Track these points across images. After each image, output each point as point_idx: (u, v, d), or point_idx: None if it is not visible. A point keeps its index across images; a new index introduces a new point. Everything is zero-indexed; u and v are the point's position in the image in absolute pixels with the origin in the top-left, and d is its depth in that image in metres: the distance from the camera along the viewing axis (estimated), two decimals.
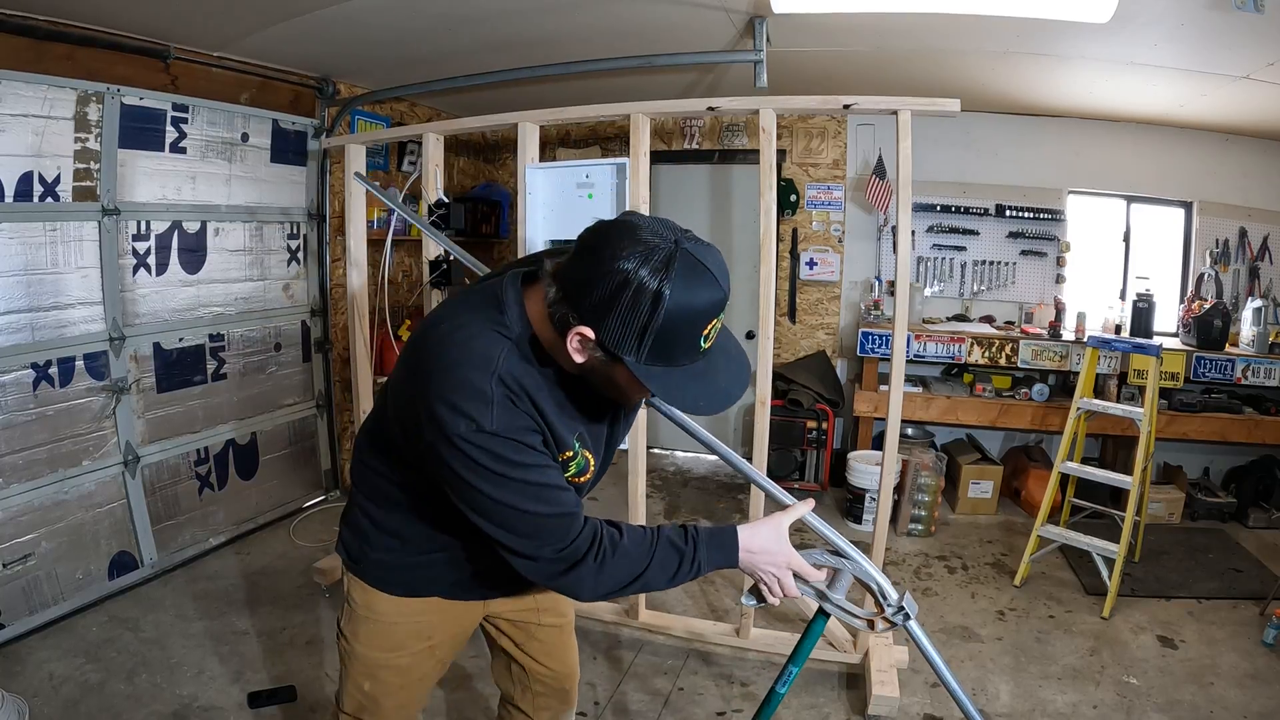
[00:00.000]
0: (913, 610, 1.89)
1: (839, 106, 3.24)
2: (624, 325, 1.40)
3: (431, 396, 1.52)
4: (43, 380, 3.89)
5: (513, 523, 1.59)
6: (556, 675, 2.35)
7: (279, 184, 5.17)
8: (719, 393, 1.56)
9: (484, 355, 1.53)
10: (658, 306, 1.38)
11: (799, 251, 6.57)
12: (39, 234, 3.84)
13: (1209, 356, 5.45)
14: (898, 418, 3.39)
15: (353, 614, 2.03)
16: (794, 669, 2.09)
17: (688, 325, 1.42)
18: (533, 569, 1.64)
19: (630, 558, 1.67)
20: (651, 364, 1.45)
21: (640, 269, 1.37)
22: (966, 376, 6.08)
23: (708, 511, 5.81)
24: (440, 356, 1.56)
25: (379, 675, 2.06)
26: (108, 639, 3.87)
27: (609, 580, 1.66)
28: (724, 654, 3.90)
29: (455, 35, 4.35)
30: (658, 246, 1.39)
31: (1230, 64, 4.16)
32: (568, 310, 1.46)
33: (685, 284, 1.38)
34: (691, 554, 1.71)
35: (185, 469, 4.70)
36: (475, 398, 1.50)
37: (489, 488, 1.55)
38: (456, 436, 1.50)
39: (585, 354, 1.49)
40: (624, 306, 1.39)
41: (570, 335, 1.46)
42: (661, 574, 1.70)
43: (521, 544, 1.62)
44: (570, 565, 1.62)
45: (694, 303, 1.40)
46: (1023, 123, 6.09)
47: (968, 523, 5.72)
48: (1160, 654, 3.98)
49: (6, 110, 3.63)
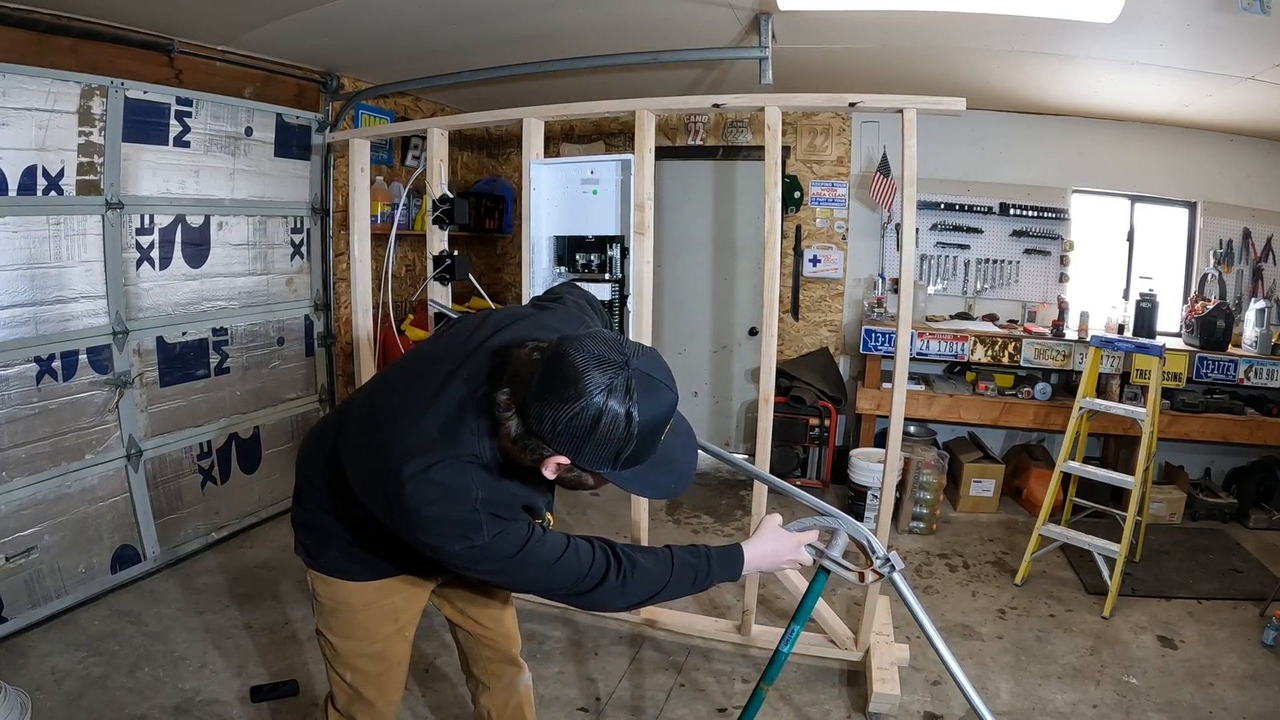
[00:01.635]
0: (898, 564, 2.08)
1: (844, 104, 3.23)
2: (600, 450, 1.51)
3: (421, 533, 1.65)
4: (46, 374, 3.89)
5: (531, 586, 1.79)
6: (499, 637, 2.49)
7: (283, 178, 5.16)
8: (681, 471, 1.74)
9: (464, 491, 1.63)
10: (630, 428, 1.49)
11: (802, 248, 6.57)
12: (42, 228, 3.84)
13: (1211, 357, 5.45)
14: (901, 415, 3.38)
15: (322, 609, 2.13)
16: (796, 627, 2.26)
17: (653, 433, 1.55)
18: (560, 599, 1.85)
19: (651, 575, 1.84)
20: (624, 469, 1.57)
21: (609, 400, 1.47)
22: (969, 375, 6.08)
23: (710, 507, 5.81)
24: (422, 496, 1.62)
25: (357, 665, 2.16)
26: (110, 632, 3.88)
27: (633, 594, 1.84)
28: (726, 650, 3.91)
29: (460, 30, 4.34)
30: (616, 374, 1.48)
31: (1235, 65, 4.15)
32: (539, 444, 1.54)
33: (648, 401, 1.50)
34: (705, 569, 1.91)
35: (188, 463, 4.71)
36: (465, 527, 1.63)
37: (500, 578, 1.81)
38: (454, 555, 1.67)
39: (559, 473, 1.62)
40: (600, 436, 1.49)
41: (546, 464, 1.58)
42: (678, 587, 1.88)
43: (545, 593, 1.83)
44: (592, 587, 1.79)
45: (657, 413, 1.54)
46: (1027, 121, 6.08)
47: (969, 521, 5.72)
48: (1160, 654, 3.98)
49: (10, 104, 3.63)
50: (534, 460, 1.58)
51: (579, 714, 3.42)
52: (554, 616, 4.13)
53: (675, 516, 5.63)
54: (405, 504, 1.62)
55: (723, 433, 7.10)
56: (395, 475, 1.63)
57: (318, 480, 2.01)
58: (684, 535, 5.33)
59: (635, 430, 1.49)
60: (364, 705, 2.20)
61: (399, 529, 1.68)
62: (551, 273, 3.77)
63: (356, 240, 4.30)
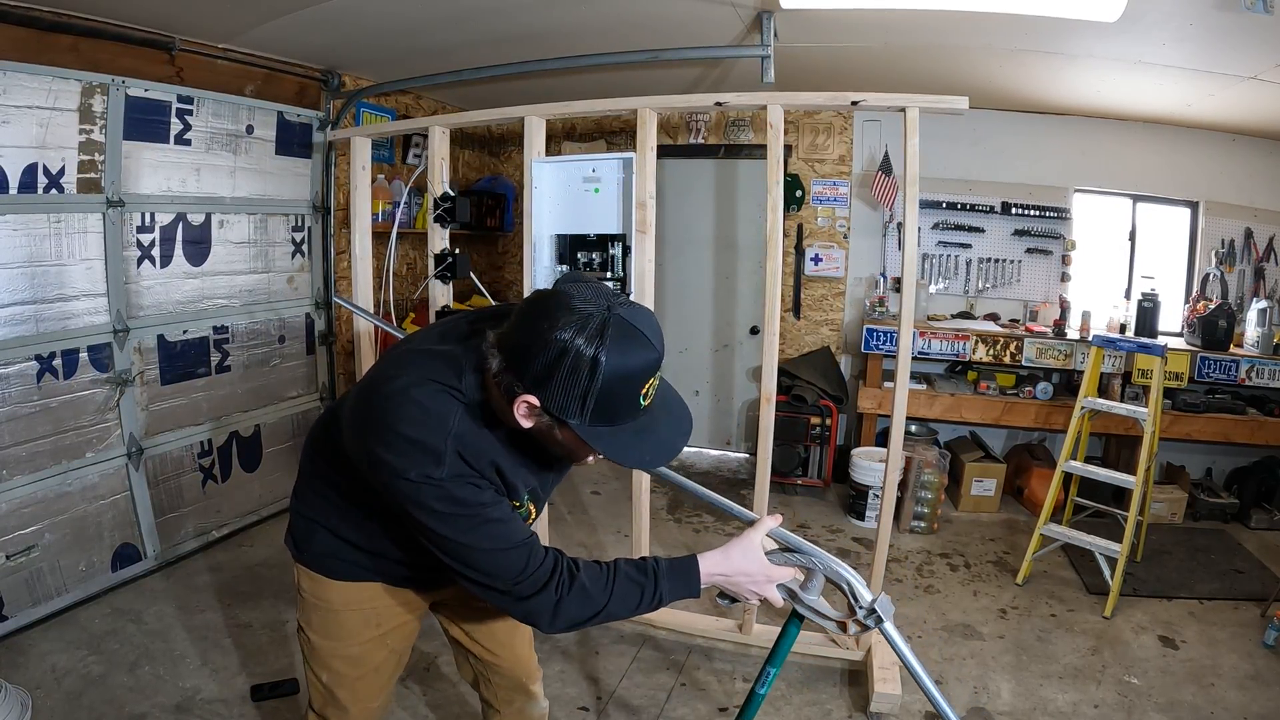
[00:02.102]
0: (887, 613, 1.82)
1: (847, 103, 3.23)
2: (566, 392, 1.47)
3: (384, 447, 1.59)
4: (47, 372, 3.88)
5: (469, 558, 1.66)
6: (508, 664, 2.39)
7: (284, 176, 5.16)
8: (662, 445, 1.63)
9: (439, 416, 1.60)
10: (595, 372, 1.44)
11: (804, 247, 6.56)
12: (43, 226, 3.83)
13: (1213, 357, 5.44)
14: (903, 414, 3.38)
15: (304, 603, 2.10)
16: (772, 670, 2.09)
17: (626, 386, 1.49)
18: (493, 598, 1.72)
19: (588, 594, 1.72)
20: (596, 425, 1.52)
21: (576, 338, 1.44)
22: (971, 374, 6.07)
23: (709, 507, 5.79)
24: (398, 411, 1.61)
25: (333, 665, 2.11)
26: (110, 631, 3.88)
27: (567, 614, 1.72)
28: (727, 650, 3.91)
29: (461, 28, 4.34)
30: (591, 315, 1.45)
31: (1238, 64, 4.15)
32: (512, 379, 1.51)
33: (620, 348, 1.45)
34: (652, 588, 1.78)
35: (189, 461, 4.70)
36: (428, 454, 1.57)
37: (443, 528, 1.62)
38: (408, 482, 1.58)
39: (533, 419, 1.55)
40: (564, 374, 1.45)
41: (517, 403, 1.53)
42: (622, 608, 1.76)
43: (479, 576, 1.69)
44: (530, 594, 1.69)
45: (629, 365, 1.48)
46: (1029, 120, 6.07)
47: (970, 520, 5.72)
48: (1161, 654, 3.98)
49: (11, 102, 3.62)
50: (508, 397, 1.54)
51: (580, 713, 3.42)
52: None
53: (676, 516, 5.63)
54: (379, 418, 1.62)
55: (724, 432, 7.10)
56: (379, 392, 1.65)
57: (315, 465, 2.01)
58: (685, 534, 5.33)
59: (601, 374, 1.44)
60: (338, 709, 2.16)
61: (366, 449, 1.63)
62: (553, 271, 3.77)
63: (357, 238, 4.30)
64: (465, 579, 1.70)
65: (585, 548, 4.98)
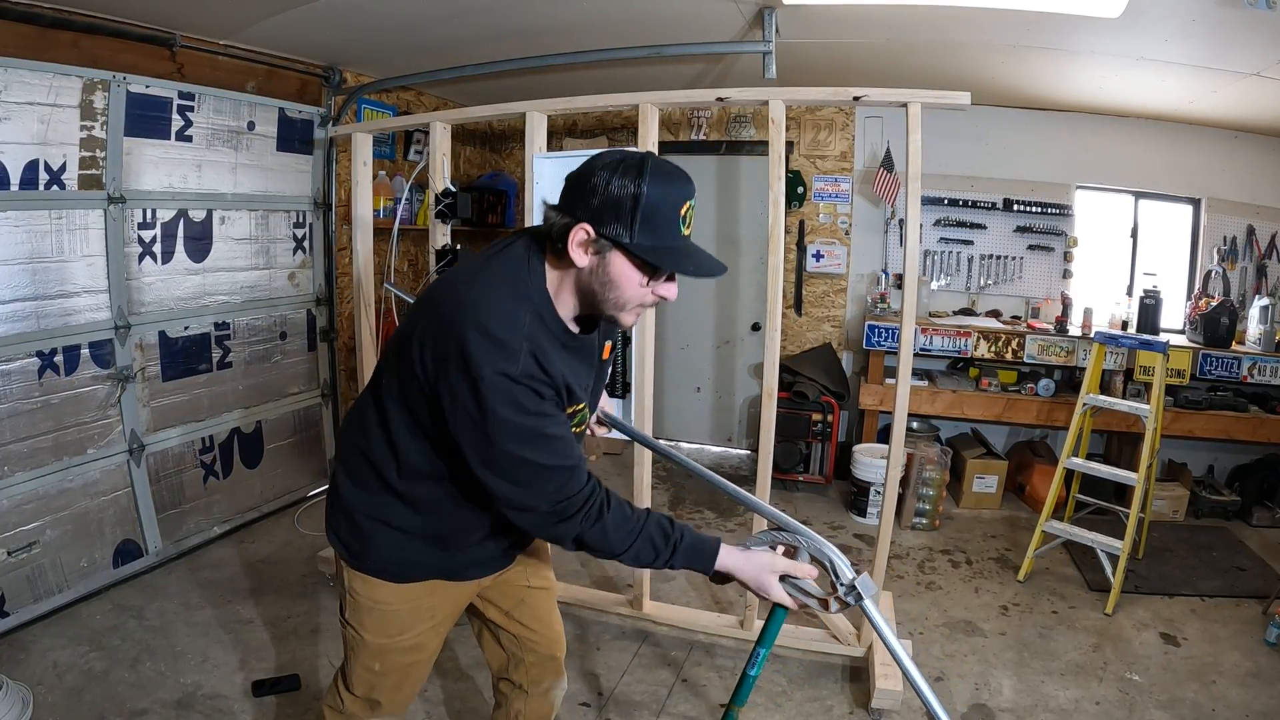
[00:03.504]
0: (867, 591, 1.88)
1: (849, 99, 3.22)
2: (615, 211, 1.66)
3: (467, 340, 1.66)
4: (48, 368, 3.88)
5: (517, 473, 1.73)
6: (545, 640, 2.43)
7: (285, 172, 5.16)
8: (706, 262, 1.79)
9: (513, 316, 1.71)
10: (640, 190, 1.64)
11: (805, 244, 6.55)
12: (45, 222, 3.83)
13: (1215, 354, 5.43)
14: (904, 411, 3.39)
15: (357, 605, 2.08)
16: (762, 651, 2.11)
17: (666, 206, 1.69)
18: (526, 520, 1.81)
19: (612, 535, 1.82)
20: (642, 242, 1.68)
21: (620, 168, 1.66)
22: (972, 371, 6.07)
23: (712, 503, 5.81)
24: (475, 312, 1.69)
25: (388, 657, 2.13)
26: (112, 627, 3.88)
27: (590, 541, 1.82)
28: (728, 645, 3.91)
29: (463, 24, 4.33)
30: (630, 155, 1.70)
31: (1241, 61, 4.14)
32: (569, 219, 1.70)
33: (658, 176, 1.67)
34: (667, 556, 1.88)
35: (190, 457, 4.70)
36: (505, 351, 1.66)
37: (502, 435, 1.68)
38: (481, 379, 1.64)
39: (587, 254, 1.71)
40: (612, 198, 1.65)
41: (573, 236, 1.69)
42: (633, 560, 1.86)
43: (521, 495, 1.77)
44: (562, 519, 1.77)
45: (668, 187, 1.69)
46: (1031, 117, 6.06)
47: (972, 517, 5.72)
48: (1163, 651, 3.98)
49: (12, 98, 3.62)
50: (564, 238, 1.70)
51: (581, 709, 3.42)
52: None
53: (678, 512, 5.63)
54: (461, 315, 1.69)
55: (726, 428, 7.10)
56: (454, 303, 1.75)
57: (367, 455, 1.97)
58: None
59: (645, 192, 1.64)
60: (389, 690, 2.18)
61: (442, 355, 1.70)
62: None
63: (359, 235, 4.30)
64: (502, 499, 1.77)
65: None
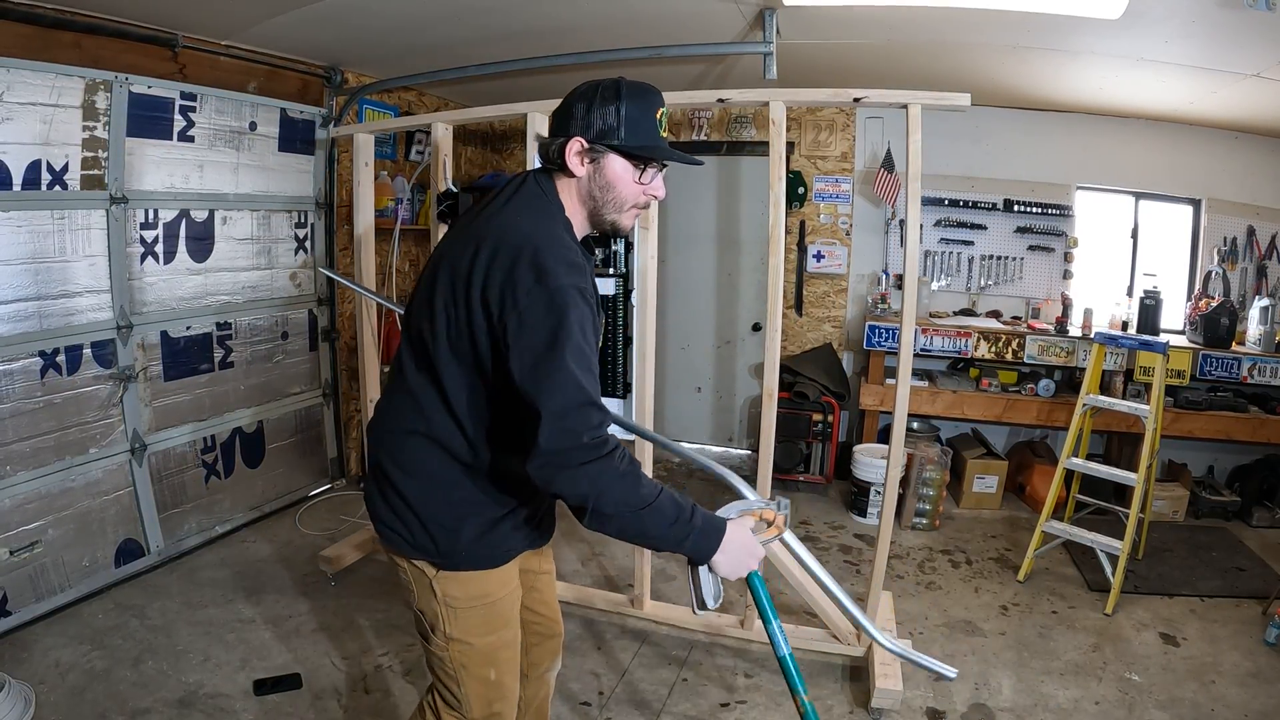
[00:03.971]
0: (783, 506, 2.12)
1: (849, 100, 3.23)
2: (603, 124, 1.89)
3: (541, 256, 1.77)
4: (50, 368, 3.89)
5: (569, 393, 1.72)
6: (549, 623, 2.46)
7: (287, 173, 5.17)
8: (685, 154, 2.02)
9: (564, 241, 1.88)
10: (619, 99, 1.89)
11: (806, 244, 6.56)
12: (47, 222, 3.84)
13: (1215, 354, 5.44)
14: (904, 411, 3.39)
15: (457, 612, 2.03)
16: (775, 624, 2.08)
17: (645, 111, 1.92)
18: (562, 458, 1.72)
19: (643, 485, 1.79)
20: (631, 141, 1.90)
21: (599, 92, 1.91)
22: (973, 371, 6.07)
23: (712, 505, 5.78)
24: (535, 235, 1.83)
25: (499, 657, 2.11)
26: (114, 626, 3.89)
27: (616, 489, 1.75)
28: (728, 645, 3.92)
29: (464, 24, 4.34)
30: (604, 81, 1.93)
31: (1241, 61, 4.14)
32: (563, 138, 1.91)
33: (633, 91, 1.91)
34: (689, 517, 1.85)
35: (192, 457, 4.71)
36: (574, 267, 1.81)
37: (567, 348, 1.72)
38: (560, 289, 1.74)
39: (584, 163, 1.92)
40: (598, 115, 1.89)
41: (570, 148, 1.90)
42: (660, 519, 1.80)
43: (567, 420, 1.72)
44: (598, 456, 1.73)
45: (643, 99, 1.92)
46: (1032, 117, 6.06)
47: (972, 517, 5.72)
48: (1162, 651, 3.98)
49: (14, 98, 3.62)
50: (562, 154, 1.90)
51: (582, 708, 3.43)
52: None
53: None
54: (529, 246, 1.79)
55: (726, 428, 7.10)
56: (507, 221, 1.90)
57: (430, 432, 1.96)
58: None
59: (624, 99, 1.89)
60: (507, 694, 2.15)
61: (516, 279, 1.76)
62: None
63: (360, 235, 4.30)
64: (554, 422, 1.71)
65: (587, 543, 4.99)
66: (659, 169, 1.99)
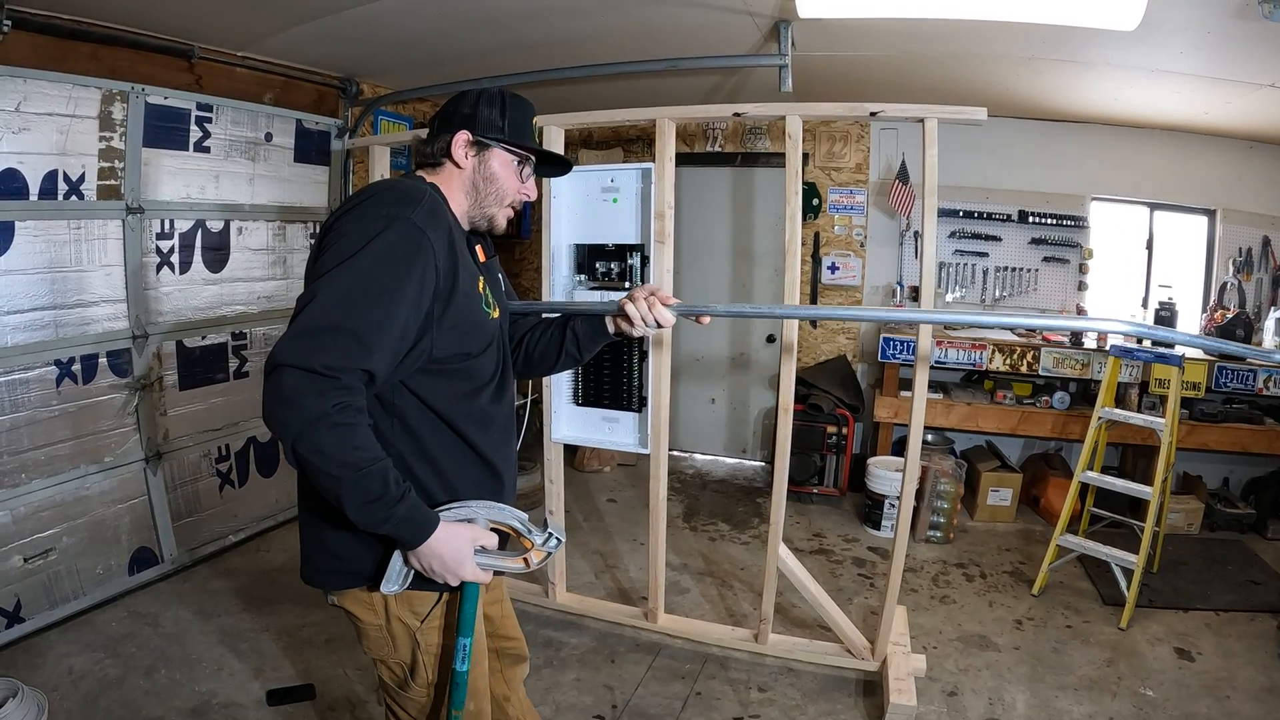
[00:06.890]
0: (559, 530, 1.95)
1: (865, 114, 3.23)
2: (488, 121, 2.00)
3: (374, 193, 1.85)
4: (66, 377, 3.92)
5: (328, 310, 1.69)
6: (518, 643, 2.43)
7: (302, 183, 5.19)
8: (565, 157, 2.44)
9: (417, 187, 1.91)
10: (504, 102, 2.03)
11: (821, 255, 6.55)
12: (63, 232, 3.86)
13: (1231, 366, 5.40)
14: (920, 423, 3.38)
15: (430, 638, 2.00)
16: (466, 641, 1.95)
17: (525, 119, 2.09)
18: (279, 377, 1.64)
19: (358, 441, 1.66)
20: (514, 140, 2.03)
21: (484, 98, 2.03)
22: (987, 383, 6.06)
23: (726, 515, 5.80)
24: (381, 185, 1.93)
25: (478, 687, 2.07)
26: (127, 634, 3.90)
27: (327, 438, 1.62)
28: (742, 659, 3.90)
29: (479, 37, 4.36)
30: (486, 89, 2.06)
31: (1255, 72, 4.13)
32: (448, 135, 2.00)
33: (514, 100, 2.07)
34: (397, 498, 1.70)
35: (206, 466, 4.73)
36: (408, 198, 1.82)
37: (352, 267, 1.71)
38: (375, 215, 1.77)
39: (469, 155, 2.01)
40: (483, 114, 2.00)
41: (456, 140, 1.99)
42: (356, 488, 1.66)
43: (308, 333, 1.67)
44: (318, 391, 1.61)
45: (523, 108, 2.09)
46: (1046, 128, 6.06)
47: (986, 530, 5.69)
48: (1177, 666, 3.95)
49: (32, 109, 3.65)
50: (447, 147, 2.00)
51: None
52: (570, 624, 4.14)
53: (692, 524, 5.62)
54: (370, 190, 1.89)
55: (740, 440, 7.09)
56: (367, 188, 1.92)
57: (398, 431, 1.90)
58: (700, 542, 5.32)
59: (507, 101, 2.03)
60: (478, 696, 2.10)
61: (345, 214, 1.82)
62: (571, 280, 3.79)
63: None
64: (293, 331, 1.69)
65: (601, 555, 4.98)
66: (533, 170, 2.13)
